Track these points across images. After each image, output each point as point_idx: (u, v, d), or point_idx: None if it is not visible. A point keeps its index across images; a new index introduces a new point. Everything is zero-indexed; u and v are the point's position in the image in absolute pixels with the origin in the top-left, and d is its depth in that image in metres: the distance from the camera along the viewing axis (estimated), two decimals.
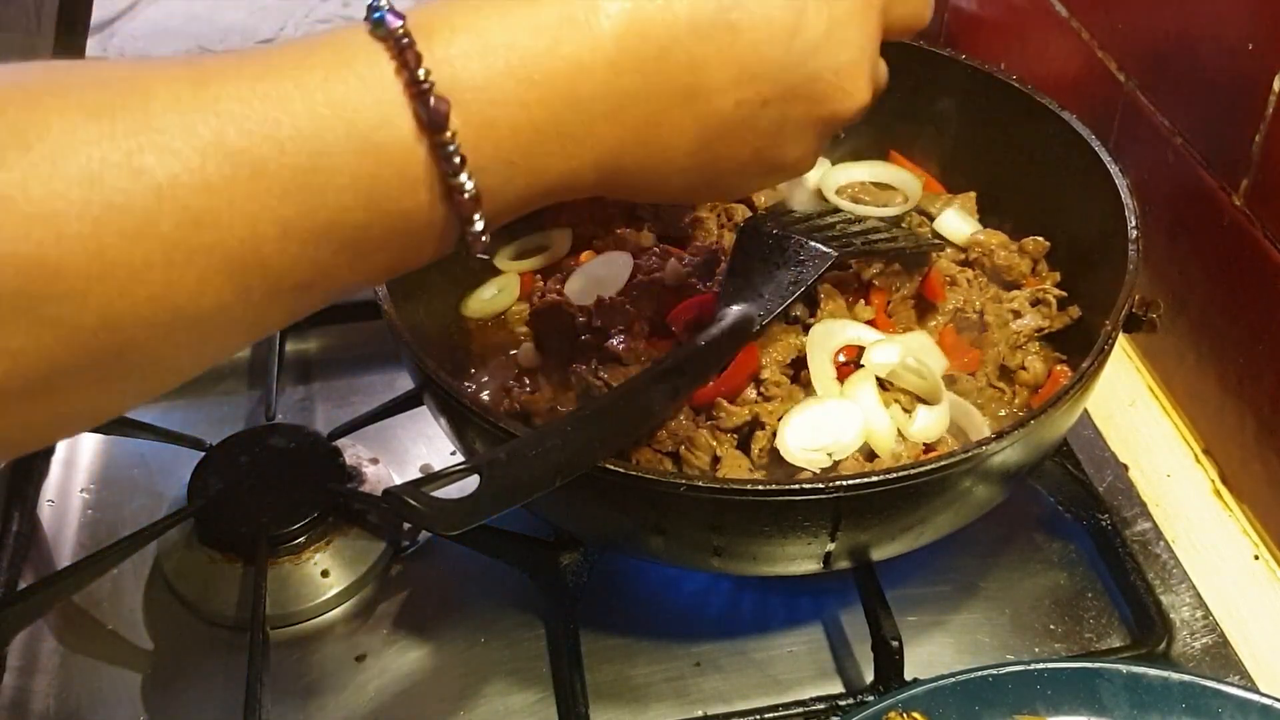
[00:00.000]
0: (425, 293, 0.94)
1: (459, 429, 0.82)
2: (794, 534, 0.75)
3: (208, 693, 0.86)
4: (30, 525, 0.97)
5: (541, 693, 0.86)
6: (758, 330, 0.87)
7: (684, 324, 0.92)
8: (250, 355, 1.11)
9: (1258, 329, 0.93)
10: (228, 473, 0.95)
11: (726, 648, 0.88)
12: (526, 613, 0.90)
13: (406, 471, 1.01)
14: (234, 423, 1.05)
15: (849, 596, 0.86)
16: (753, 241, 0.92)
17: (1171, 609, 0.89)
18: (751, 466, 0.84)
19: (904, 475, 0.73)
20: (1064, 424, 0.82)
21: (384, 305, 0.83)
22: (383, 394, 1.02)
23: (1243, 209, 0.93)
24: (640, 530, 0.79)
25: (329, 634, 0.90)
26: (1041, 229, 0.98)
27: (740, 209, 1.03)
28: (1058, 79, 1.17)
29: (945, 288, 0.95)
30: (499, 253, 1.03)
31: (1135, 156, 1.03)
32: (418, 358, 0.79)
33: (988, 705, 0.75)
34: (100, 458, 1.03)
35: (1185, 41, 0.98)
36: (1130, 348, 1.12)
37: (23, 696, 0.86)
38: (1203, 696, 0.74)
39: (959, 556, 0.93)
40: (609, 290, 0.95)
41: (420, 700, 0.86)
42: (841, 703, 0.83)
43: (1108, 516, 0.93)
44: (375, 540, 0.94)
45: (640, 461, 0.83)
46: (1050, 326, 0.93)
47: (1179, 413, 1.06)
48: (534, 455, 0.70)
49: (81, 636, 0.90)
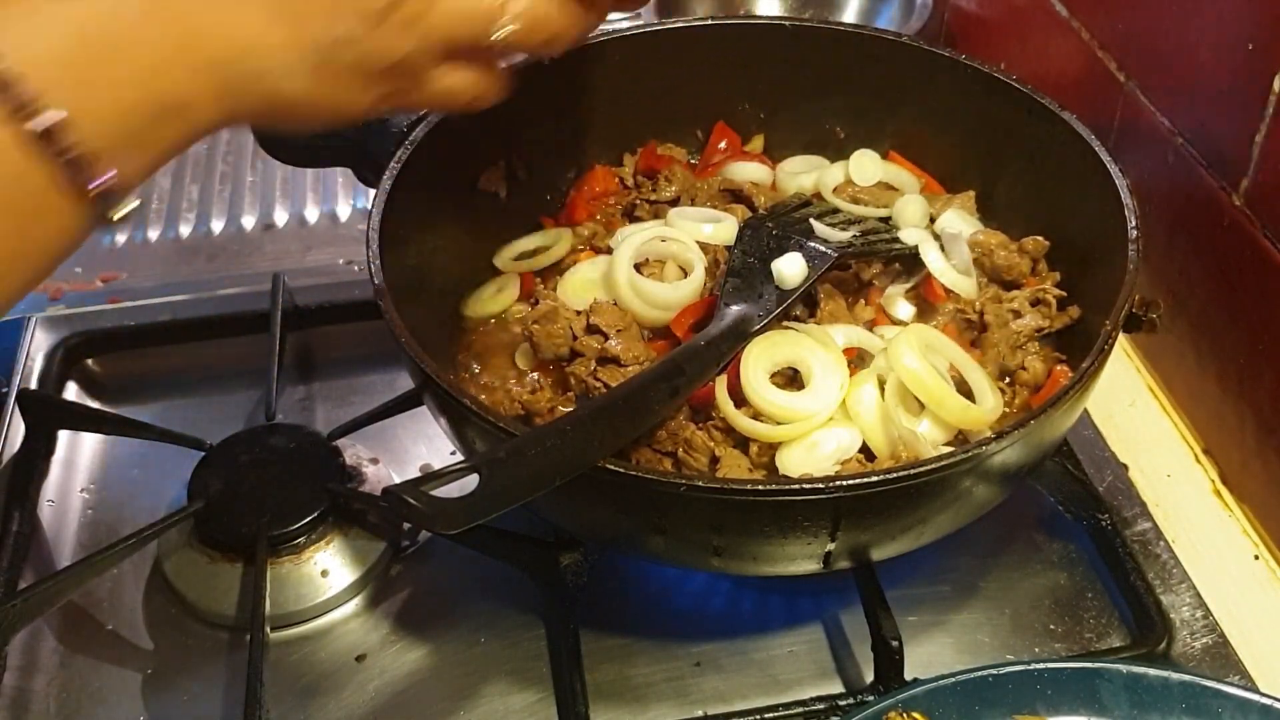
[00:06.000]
0: (425, 293, 0.94)
1: (459, 429, 0.82)
2: (794, 534, 0.75)
3: (208, 693, 0.86)
4: (30, 525, 0.97)
5: (541, 693, 0.86)
6: (757, 329, 0.87)
7: (684, 324, 0.92)
8: (250, 355, 1.11)
9: (1258, 329, 0.93)
10: (228, 473, 0.95)
11: (726, 648, 0.88)
12: (526, 613, 0.90)
13: (406, 471, 1.01)
14: (234, 423, 1.05)
15: (849, 596, 0.86)
16: (753, 241, 0.93)
17: (1171, 609, 0.89)
18: (751, 466, 0.84)
19: (904, 475, 0.73)
20: (1064, 424, 0.82)
21: (384, 305, 0.83)
22: (383, 394, 1.02)
23: (1243, 209, 0.93)
24: (640, 530, 0.79)
25: (329, 634, 0.90)
26: (1041, 229, 0.98)
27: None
28: (1058, 79, 1.17)
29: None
30: (499, 253, 1.03)
31: (1135, 156, 1.03)
32: (418, 358, 0.79)
33: (988, 705, 0.75)
34: (100, 458, 1.04)
35: (1185, 41, 0.98)
36: (1130, 348, 1.12)
37: (23, 696, 0.86)
38: (1203, 696, 0.74)
39: (959, 556, 0.93)
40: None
41: (420, 700, 0.86)
42: (841, 703, 0.83)
43: (1108, 516, 0.93)
44: (375, 540, 0.94)
45: (640, 461, 0.83)
46: (1050, 326, 0.93)
47: (1179, 413, 1.06)
48: (534, 455, 0.70)
49: (81, 636, 0.90)
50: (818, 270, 0.90)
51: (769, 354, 0.86)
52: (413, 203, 0.92)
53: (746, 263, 0.91)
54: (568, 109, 1.07)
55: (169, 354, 1.12)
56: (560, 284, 0.98)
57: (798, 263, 0.90)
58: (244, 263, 1.26)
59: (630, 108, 1.09)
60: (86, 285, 1.22)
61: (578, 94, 1.06)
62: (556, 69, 1.04)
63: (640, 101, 1.09)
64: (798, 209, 0.98)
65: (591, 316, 0.91)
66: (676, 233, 0.98)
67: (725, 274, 0.91)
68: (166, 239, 1.29)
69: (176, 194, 1.35)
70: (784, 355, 0.86)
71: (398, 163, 0.92)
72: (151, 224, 1.31)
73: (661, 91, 1.09)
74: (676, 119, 1.11)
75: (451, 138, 0.96)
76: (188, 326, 1.13)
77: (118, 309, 1.17)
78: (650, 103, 1.10)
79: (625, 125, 1.10)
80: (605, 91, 1.07)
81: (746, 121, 1.12)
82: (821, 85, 1.09)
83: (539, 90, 1.04)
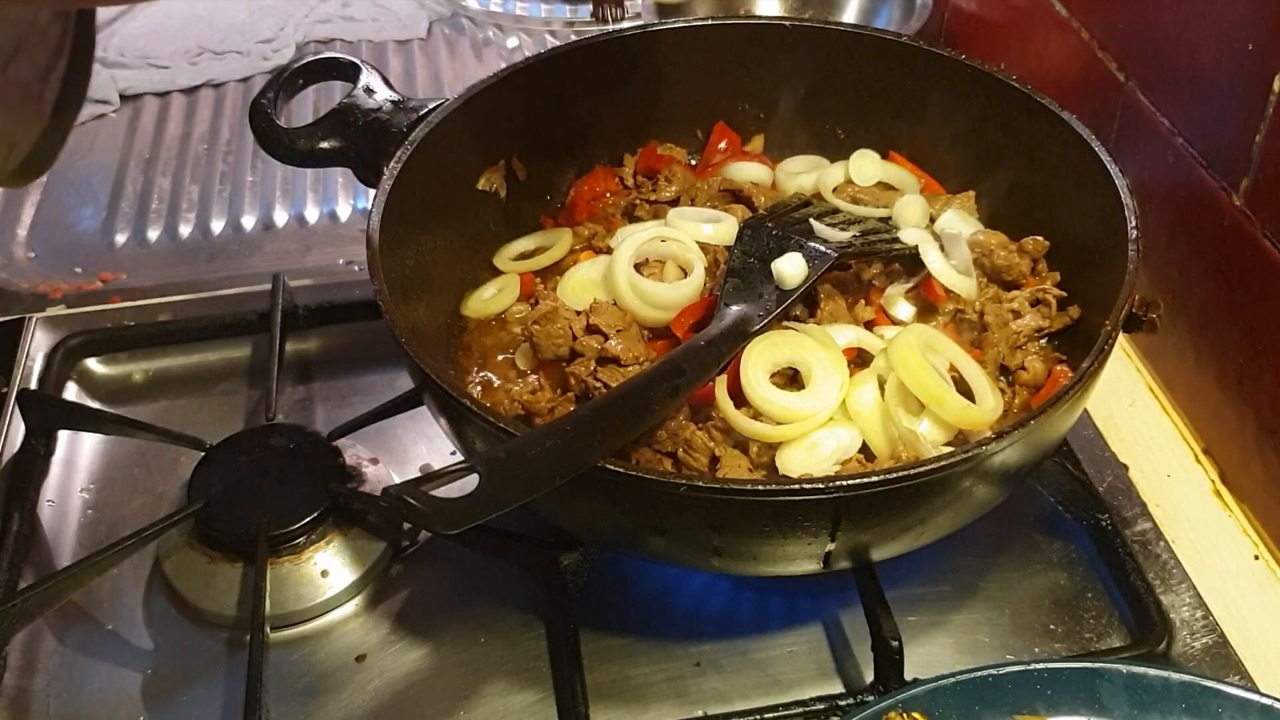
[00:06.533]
0: (425, 293, 0.94)
1: (459, 429, 0.82)
2: (794, 534, 0.75)
3: (208, 692, 0.86)
4: (30, 525, 0.97)
5: (541, 693, 0.86)
6: (757, 329, 0.87)
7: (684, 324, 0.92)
8: (250, 355, 1.12)
9: (1258, 329, 0.93)
10: (228, 473, 0.95)
11: (726, 648, 0.88)
12: (526, 613, 0.90)
13: (406, 471, 1.01)
14: (234, 423, 1.05)
15: (849, 596, 0.86)
16: (753, 241, 0.93)
17: (1171, 609, 0.89)
18: (751, 466, 0.84)
19: (904, 475, 0.73)
20: (1064, 424, 0.82)
21: (384, 305, 0.83)
22: (383, 394, 1.02)
23: (1243, 209, 0.93)
24: (640, 530, 0.79)
25: (329, 634, 0.90)
26: (1041, 229, 0.98)
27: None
28: (1058, 79, 1.17)
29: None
30: (499, 253, 1.03)
31: (1135, 156, 1.03)
32: (417, 358, 0.79)
33: (988, 705, 0.75)
34: (100, 458, 1.03)
35: (1185, 41, 0.98)
36: (1130, 348, 1.12)
37: (23, 696, 0.86)
38: (1203, 696, 0.74)
39: (959, 556, 0.93)
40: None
41: (420, 700, 0.86)
42: (841, 703, 0.83)
43: (1108, 516, 0.93)
44: (375, 540, 0.94)
45: (640, 461, 0.83)
46: (1050, 326, 0.93)
47: (1179, 413, 1.06)
48: (534, 455, 0.70)
49: (81, 636, 0.90)
50: (818, 270, 0.90)
51: (769, 354, 0.86)
52: (413, 203, 0.92)
53: (746, 263, 0.91)
54: (568, 109, 1.07)
55: (169, 354, 1.12)
56: (560, 284, 0.98)
57: (798, 263, 0.90)
58: (244, 263, 1.26)
59: (630, 108, 1.09)
60: (86, 285, 1.22)
61: (578, 94, 1.06)
62: (556, 69, 1.05)
63: (640, 101, 1.09)
64: (798, 209, 0.98)
65: (591, 316, 0.91)
66: (676, 233, 0.98)
67: (725, 274, 0.91)
68: (166, 239, 1.29)
69: (176, 194, 1.35)
70: (784, 355, 0.87)
71: (398, 163, 0.92)
72: (151, 224, 1.31)
73: (661, 91, 1.09)
74: (676, 119, 1.12)
75: (451, 138, 0.96)
76: (188, 326, 1.13)
77: (118, 309, 1.17)
78: (650, 103, 1.10)
79: (625, 125, 1.10)
80: (605, 92, 1.07)
81: (746, 121, 1.12)
82: (821, 85, 1.09)
83: (539, 90, 1.05)
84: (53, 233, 1.30)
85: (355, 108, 0.97)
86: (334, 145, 0.97)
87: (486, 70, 1.10)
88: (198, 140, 1.42)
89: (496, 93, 1.01)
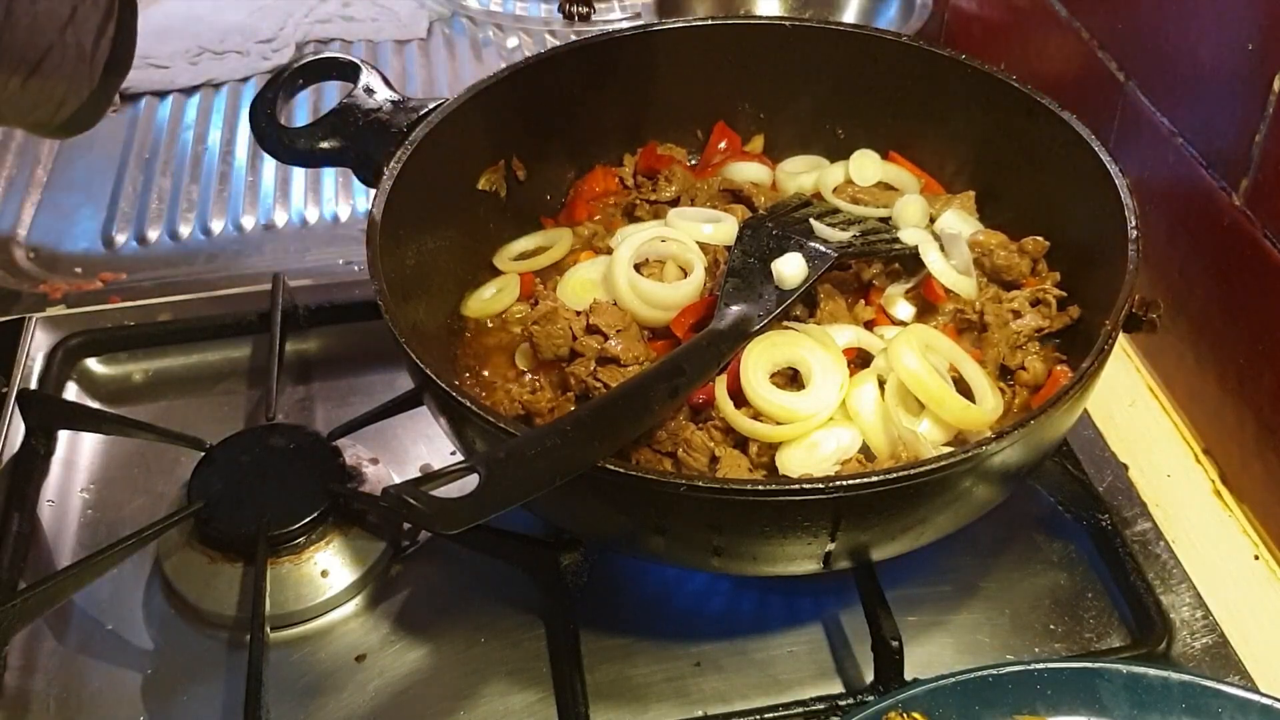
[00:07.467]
0: (425, 293, 0.94)
1: (459, 429, 0.82)
2: (794, 534, 0.75)
3: (208, 692, 0.86)
4: (30, 525, 0.97)
5: (541, 693, 0.86)
6: (757, 329, 0.87)
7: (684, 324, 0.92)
8: (250, 355, 1.12)
9: (1258, 329, 0.93)
10: (228, 473, 0.95)
11: (726, 648, 0.88)
12: (526, 613, 0.90)
13: (406, 471, 1.01)
14: (234, 423, 1.05)
15: (849, 596, 0.86)
16: (753, 241, 0.93)
17: (1171, 609, 0.89)
18: (751, 466, 0.84)
19: (904, 475, 0.73)
20: (1064, 424, 0.82)
21: (384, 305, 0.83)
22: (383, 394, 1.02)
23: (1243, 209, 0.93)
24: (640, 530, 0.79)
25: (329, 634, 0.90)
26: (1041, 229, 0.98)
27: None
28: (1058, 79, 1.17)
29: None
30: (499, 253, 1.03)
31: (1135, 156, 1.03)
32: (417, 358, 0.79)
33: (988, 705, 0.75)
34: (100, 458, 1.03)
35: (1185, 41, 0.98)
36: (1130, 348, 1.12)
37: (23, 696, 0.86)
38: (1203, 696, 0.74)
39: (959, 556, 0.93)
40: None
41: (420, 700, 0.86)
42: (841, 703, 0.83)
43: (1108, 516, 0.93)
44: (375, 540, 0.94)
45: (640, 461, 0.83)
46: (1050, 326, 0.93)
47: (1179, 413, 1.06)
48: (534, 455, 0.70)
49: (81, 636, 0.90)
50: (818, 270, 0.90)
51: (769, 354, 0.86)
52: (413, 203, 0.92)
53: (746, 263, 0.91)
54: (568, 109, 1.07)
55: (169, 354, 1.12)
56: (560, 284, 0.98)
57: (798, 263, 0.90)
58: (244, 263, 1.26)
59: (630, 108, 1.09)
60: (86, 285, 1.22)
61: (578, 94, 1.06)
62: (557, 69, 1.05)
63: (640, 101, 1.09)
64: (798, 209, 0.98)
65: (591, 317, 0.91)
66: (676, 233, 0.98)
67: (725, 274, 0.91)
68: (166, 239, 1.29)
69: (176, 194, 1.35)
70: (784, 355, 0.87)
71: (398, 163, 0.92)
72: (151, 224, 1.31)
73: (661, 91, 1.09)
74: (676, 119, 1.12)
75: (452, 138, 0.96)
76: (188, 326, 1.13)
77: (118, 309, 1.17)
78: (650, 103, 1.10)
79: (625, 125, 1.10)
80: (605, 92, 1.07)
81: (746, 121, 1.12)
82: (821, 85, 1.09)
83: (539, 90, 1.05)
84: (53, 233, 1.30)
85: (355, 108, 0.97)
86: (334, 145, 0.97)
87: (486, 70, 1.10)
88: (197, 140, 1.42)
89: (497, 92, 1.01)
